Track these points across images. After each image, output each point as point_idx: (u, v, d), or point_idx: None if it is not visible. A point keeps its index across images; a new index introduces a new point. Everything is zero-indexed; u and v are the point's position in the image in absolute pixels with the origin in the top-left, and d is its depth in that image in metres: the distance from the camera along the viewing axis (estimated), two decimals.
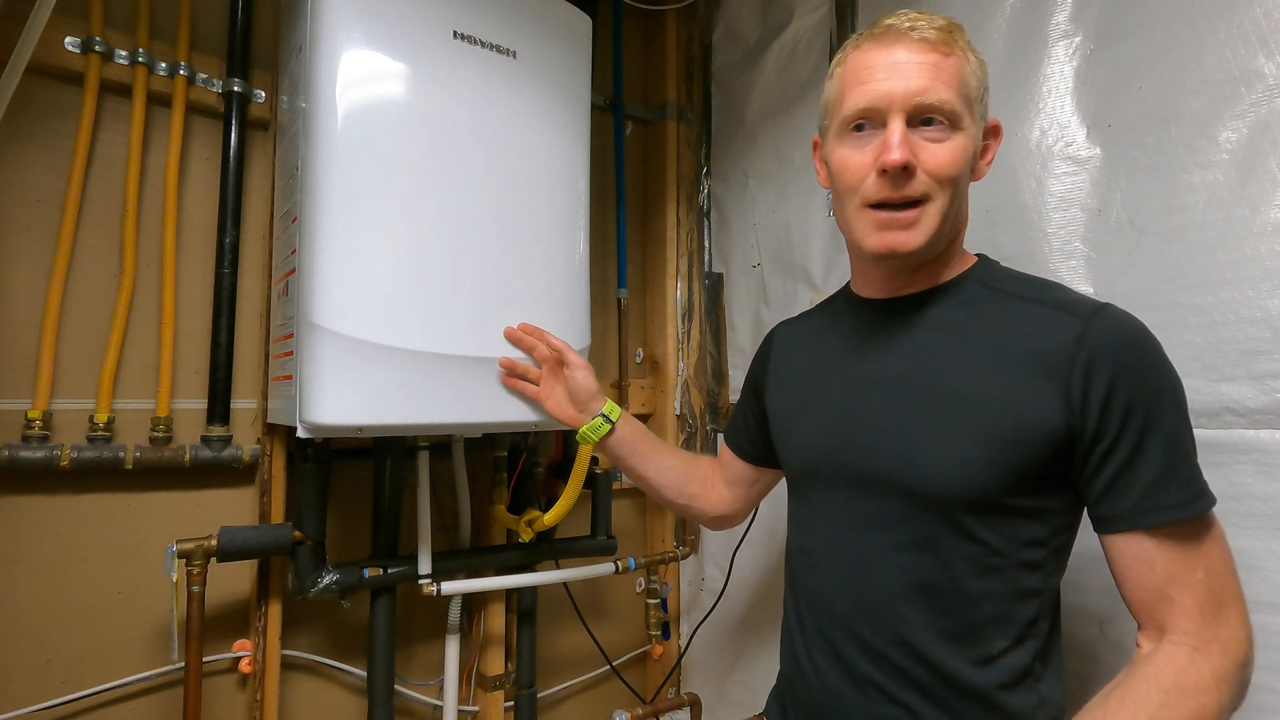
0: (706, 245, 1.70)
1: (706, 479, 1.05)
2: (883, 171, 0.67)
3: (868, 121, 0.69)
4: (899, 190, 0.67)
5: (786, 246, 1.46)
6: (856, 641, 0.73)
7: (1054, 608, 0.71)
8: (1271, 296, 0.77)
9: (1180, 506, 0.61)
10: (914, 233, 0.68)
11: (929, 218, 0.68)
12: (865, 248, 0.71)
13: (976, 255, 0.78)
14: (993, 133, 0.75)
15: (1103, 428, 0.62)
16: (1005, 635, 0.67)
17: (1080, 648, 0.93)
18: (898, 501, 0.70)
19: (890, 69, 0.67)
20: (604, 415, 1.00)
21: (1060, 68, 1.00)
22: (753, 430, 0.98)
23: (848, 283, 0.87)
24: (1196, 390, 0.83)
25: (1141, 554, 0.63)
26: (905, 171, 0.66)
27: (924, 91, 0.66)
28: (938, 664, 0.68)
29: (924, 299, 0.75)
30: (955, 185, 0.68)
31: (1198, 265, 0.84)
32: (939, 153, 0.67)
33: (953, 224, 0.72)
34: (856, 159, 0.70)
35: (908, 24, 0.68)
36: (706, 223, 1.71)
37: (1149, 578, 0.63)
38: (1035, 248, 1.00)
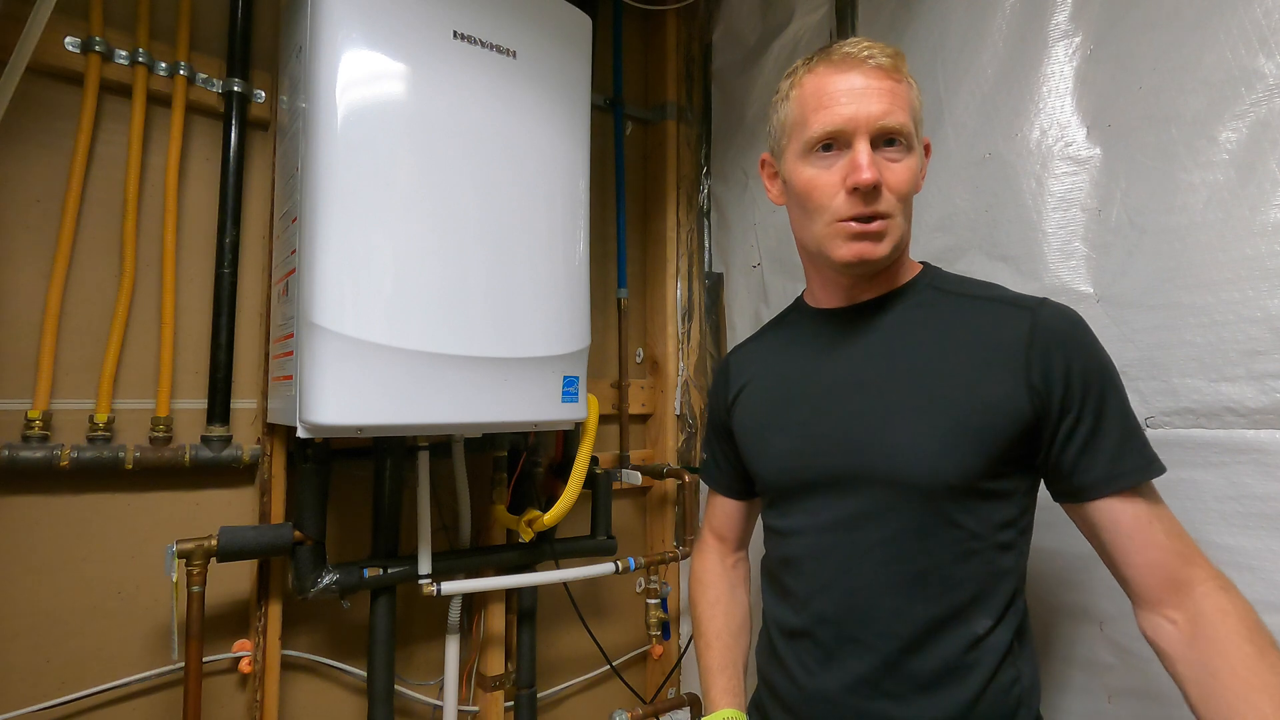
0: (706, 245, 1.70)
1: (737, 581, 1.00)
2: (853, 190, 0.72)
3: (834, 142, 0.73)
4: (870, 206, 0.72)
5: (786, 246, 1.46)
6: (847, 640, 0.73)
7: (1023, 585, 0.74)
8: (1271, 296, 0.77)
9: (1146, 467, 0.67)
10: (881, 244, 0.73)
11: (892, 231, 0.73)
12: (836, 258, 0.75)
13: (921, 263, 0.83)
14: (925, 150, 0.81)
15: (1067, 403, 0.68)
16: (989, 615, 0.70)
17: (1080, 646, 0.93)
18: (881, 495, 0.72)
19: (851, 94, 0.72)
20: None
21: (1060, 68, 0.99)
22: (739, 468, 0.94)
23: (797, 299, 0.92)
24: (1196, 390, 0.83)
25: (1139, 513, 0.66)
26: (875, 190, 0.71)
27: (886, 115, 0.71)
28: (930, 651, 0.70)
29: (881, 304, 0.80)
30: (909, 202, 0.75)
31: (1198, 265, 0.83)
32: (899, 171, 0.73)
33: (909, 235, 0.78)
34: (825, 178, 0.74)
35: (865, 52, 0.73)
36: (706, 223, 1.71)
37: (1157, 538, 0.66)
38: (1035, 248, 1.00)
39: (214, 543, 1.02)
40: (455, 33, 1.04)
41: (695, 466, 1.62)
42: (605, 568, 1.36)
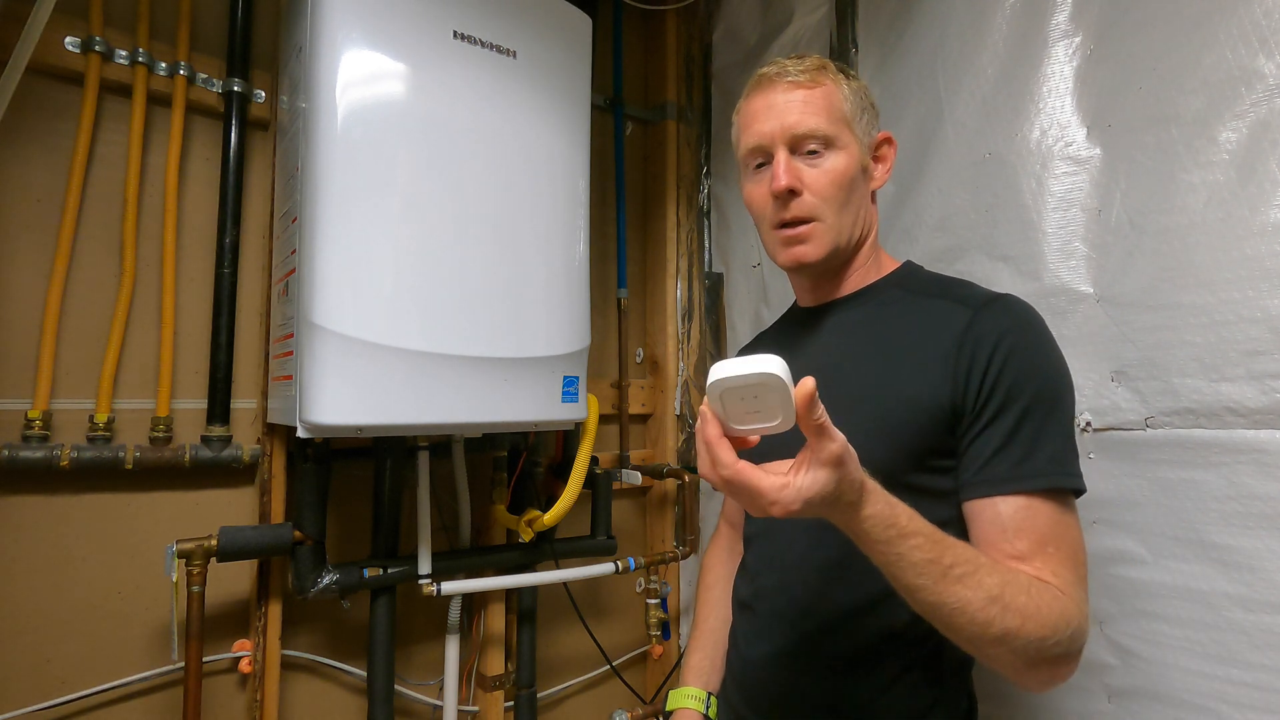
0: (706, 245, 1.70)
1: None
2: (775, 196, 0.78)
3: (762, 158, 0.81)
4: (789, 211, 0.78)
5: None
6: (776, 615, 0.79)
7: None
8: (1271, 296, 0.77)
9: (1044, 476, 0.66)
10: (811, 246, 0.79)
11: (822, 232, 0.78)
12: (779, 262, 0.83)
13: (904, 262, 0.86)
14: (885, 143, 0.84)
15: (977, 402, 0.68)
16: (907, 609, 0.69)
17: None
18: None
19: (769, 110, 0.79)
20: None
21: (1060, 68, 0.99)
22: None
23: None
24: (1196, 390, 0.83)
25: (995, 518, 0.66)
26: (792, 194, 0.77)
27: (797, 124, 0.77)
28: (845, 635, 0.73)
29: (837, 305, 0.85)
30: (843, 200, 0.78)
31: (1198, 265, 0.83)
32: (819, 175, 0.78)
33: (856, 232, 0.81)
34: (759, 190, 0.82)
35: (777, 70, 0.80)
36: (706, 223, 1.71)
37: (1000, 539, 0.66)
38: (1035, 248, 1.00)
39: (214, 543, 1.02)
40: (455, 33, 1.04)
41: (695, 467, 1.62)
42: (605, 568, 1.36)
